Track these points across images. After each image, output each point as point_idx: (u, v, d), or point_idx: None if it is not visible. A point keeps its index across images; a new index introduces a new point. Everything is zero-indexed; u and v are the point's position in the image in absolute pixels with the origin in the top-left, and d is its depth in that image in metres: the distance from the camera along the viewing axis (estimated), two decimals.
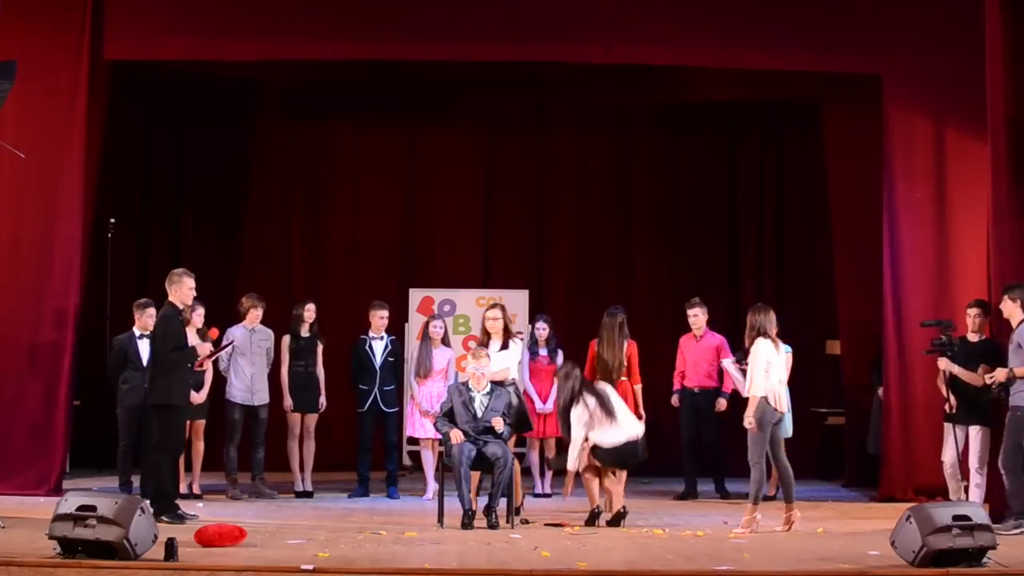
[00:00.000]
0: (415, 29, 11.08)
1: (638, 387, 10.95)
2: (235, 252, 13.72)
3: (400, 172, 14.07)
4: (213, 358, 10.34)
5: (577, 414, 9.28)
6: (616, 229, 14.08)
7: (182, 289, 9.39)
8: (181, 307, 9.43)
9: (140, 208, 13.65)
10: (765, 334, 9.16)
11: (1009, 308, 9.24)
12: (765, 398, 9.11)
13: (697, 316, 11.45)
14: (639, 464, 9.59)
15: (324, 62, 12.29)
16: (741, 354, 9.70)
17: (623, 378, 10.79)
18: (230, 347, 10.61)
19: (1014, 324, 9.20)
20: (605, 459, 9.32)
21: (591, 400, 9.29)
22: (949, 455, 9.72)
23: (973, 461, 9.60)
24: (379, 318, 11.24)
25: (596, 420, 9.23)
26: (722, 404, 11.31)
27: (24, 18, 10.74)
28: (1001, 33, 9.95)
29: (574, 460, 9.31)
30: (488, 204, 14.12)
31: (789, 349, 9.70)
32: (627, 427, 9.33)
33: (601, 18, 11.09)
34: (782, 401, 9.23)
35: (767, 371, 9.10)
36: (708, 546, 8.35)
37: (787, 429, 10.00)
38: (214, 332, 10.17)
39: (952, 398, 9.59)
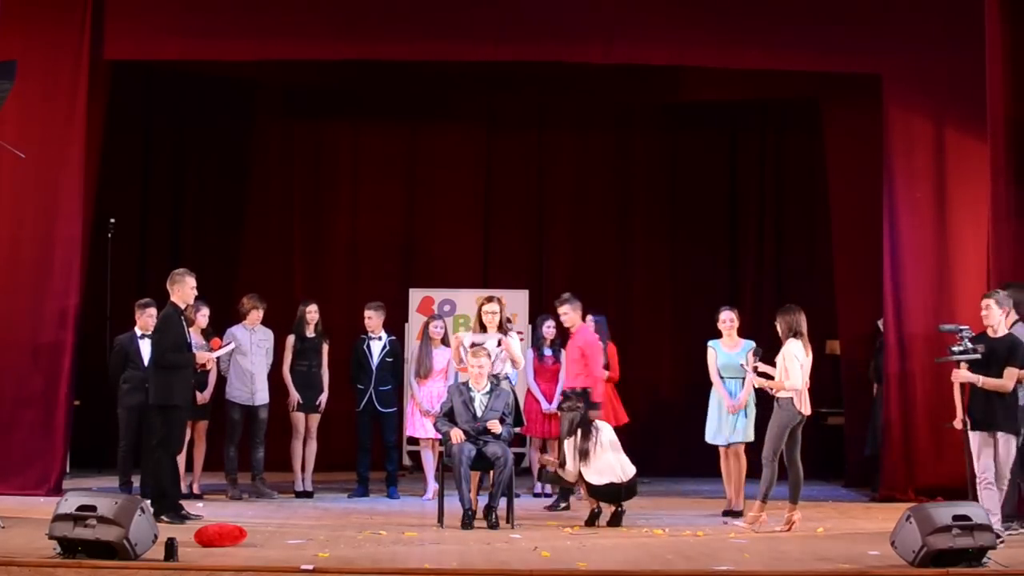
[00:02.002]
0: (415, 29, 11.09)
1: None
2: (235, 252, 13.72)
3: (400, 172, 14.07)
4: (214, 357, 10.33)
5: (569, 447, 9.41)
6: (616, 229, 14.08)
7: (184, 289, 9.39)
8: (183, 307, 9.43)
9: (140, 208, 13.64)
10: (798, 334, 9.20)
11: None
12: (791, 399, 9.12)
13: (567, 314, 10.67)
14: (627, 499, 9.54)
15: (324, 62, 12.29)
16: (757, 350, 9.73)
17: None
18: (230, 347, 10.59)
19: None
20: (591, 491, 9.43)
21: (580, 439, 9.37)
22: (985, 466, 8.73)
23: (1004, 469, 8.78)
24: (366, 318, 11.23)
25: (579, 458, 9.35)
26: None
27: (24, 18, 10.75)
28: (1001, 33, 9.96)
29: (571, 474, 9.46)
30: (488, 204, 14.11)
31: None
32: (610, 471, 9.33)
33: (601, 18, 11.09)
34: (806, 404, 9.22)
35: (800, 370, 9.13)
36: (708, 546, 8.36)
37: (748, 433, 9.89)
38: (216, 343, 10.26)
39: (961, 412, 8.94)
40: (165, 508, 9.04)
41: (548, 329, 11.45)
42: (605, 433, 9.47)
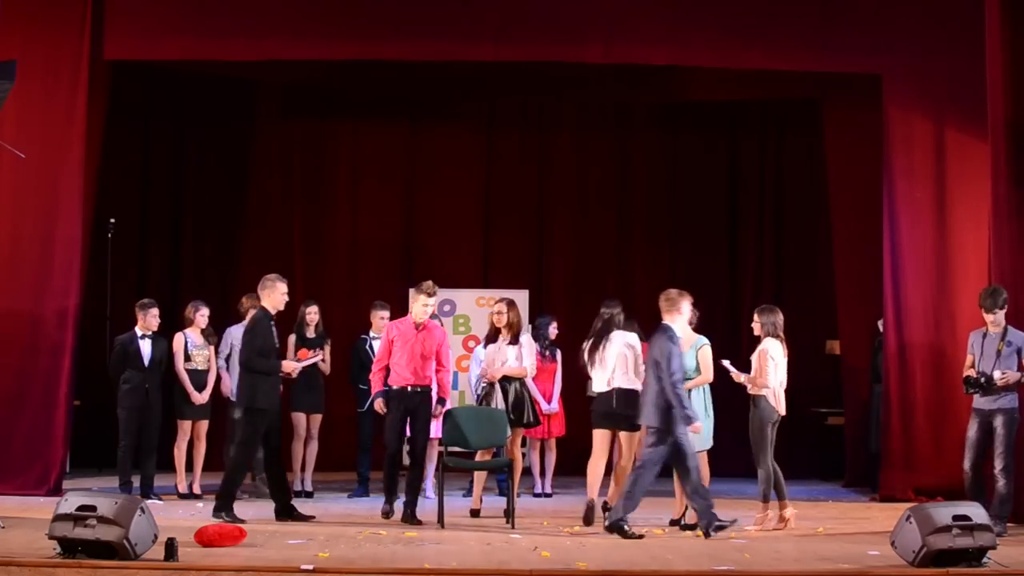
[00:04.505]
0: (415, 29, 11.09)
1: None
2: (235, 252, 13.72)
3: (400, 172, 14.08)
4: (300, 367, 10.39)
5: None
6: (616, 229, 14.09)
7: (274, 294, 9.47)
8: (273, 312, 9.50)
9: (140, 208, 13.65)
10: (775, 334, 9.22)
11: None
12: (765, 397, 9.15)
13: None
14: (622, 425, 9.38)
15: (324, 62, 12.31)
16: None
17: None
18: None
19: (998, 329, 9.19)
20: (593, 414, 9.45)
21: (597, 340, 9.40)
22: None
23: None
24: (379, 318, 11.23)
25: (590, 360, 9.40)
26: (439, 411, 9.79)
27: (24, 18, 10.77)
28: (1001, 33, 9.96)
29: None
30: (488, 204, 14.12)
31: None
32: (608, 379, 9.33)
33: (600, 18, 11.10)
34: (782, 403, 9.25)
35: (774, 370, 9.16)
36: (708, 546, 8.37)
37: (707, 440, 9.41)
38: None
39: None
40: (226, 508, 9.20)
41: (551, 329, 11.45)
42: (625, 344, 9.46)
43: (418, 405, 9.59)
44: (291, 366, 9.86)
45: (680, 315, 9.08)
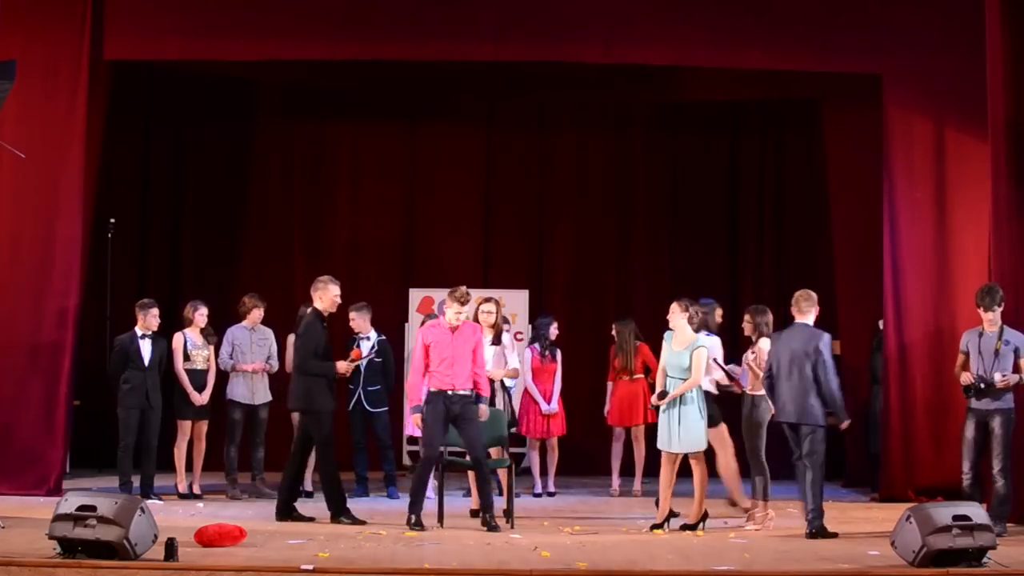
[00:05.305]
0: (415, 29, 11.09)
1: None
2: (235, 252, 13.72)
3: (400, 172, 14.07)
4: (355, 365, 10.43)
5: None
6: (616, 229, 14.07)
7: (327, 296, 9.50)
8: (326, 314, 9.53)
9: (140, 208, 13.64)
10: (767, 334, 9.25)
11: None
12: (763, 396, 9.16)
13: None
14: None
15: (324, 62, 12.29)
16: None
17: (639, 376, 11.44)
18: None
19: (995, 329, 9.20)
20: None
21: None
22: None
23: None
24: (349, 320, 11.22)
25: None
26: (484, 412, 9.40)
27: (24, 18, 10.77)
28: (1001, 33, 9.96)
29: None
30: (488, 204, 14.11)
31: None
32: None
33: (601, 18, 11.10)
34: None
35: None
36: (708, 546, 8.37)
37: (703, 441, 9.29)
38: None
39: None
40: (342, 510, 9.26)
41: (552, 330, 11.44)
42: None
43: (460, 412, 9.20)
44: (345, 367, 9.87)
45: (814, 314, 9.15)
